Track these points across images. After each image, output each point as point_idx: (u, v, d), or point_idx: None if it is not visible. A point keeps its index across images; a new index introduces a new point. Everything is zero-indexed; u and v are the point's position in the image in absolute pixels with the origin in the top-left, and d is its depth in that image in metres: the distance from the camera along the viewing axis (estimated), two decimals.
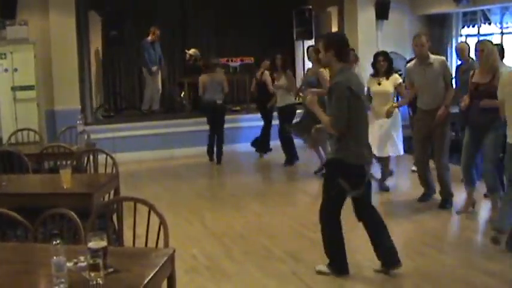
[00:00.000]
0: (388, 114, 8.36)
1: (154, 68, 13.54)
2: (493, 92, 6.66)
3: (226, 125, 11.84)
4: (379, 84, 8.57)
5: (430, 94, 7.66)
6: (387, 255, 5.53)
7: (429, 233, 6.97)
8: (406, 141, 8.92)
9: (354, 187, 5.31)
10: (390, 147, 8.63)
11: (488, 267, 5.78)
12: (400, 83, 8.47)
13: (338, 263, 5.53)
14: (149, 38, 13.47)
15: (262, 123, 11.91)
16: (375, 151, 8.78)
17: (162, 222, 3.93)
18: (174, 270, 3.63)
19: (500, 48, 7.74)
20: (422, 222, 7.41)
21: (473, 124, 7.12)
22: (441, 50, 12.97)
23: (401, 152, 8.80)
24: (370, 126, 8.60)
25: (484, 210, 7.72)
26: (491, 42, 7.34)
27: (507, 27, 13.25)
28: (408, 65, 8.15)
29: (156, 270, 3.30)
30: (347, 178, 5.29)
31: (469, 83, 7.17)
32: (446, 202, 7.82)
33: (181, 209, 8.29)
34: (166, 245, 3.87)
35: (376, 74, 8.69)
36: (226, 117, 11.83)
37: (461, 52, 9.63)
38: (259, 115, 12.04)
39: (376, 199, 8.54)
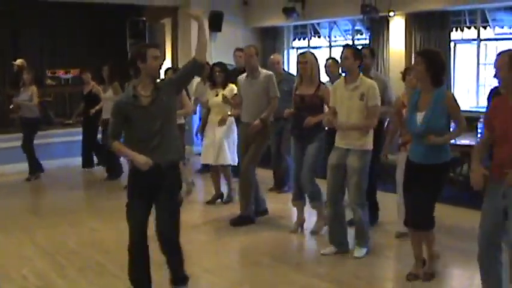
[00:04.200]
0: (221, 123, 8.41)
1: None
2: (318, 103, 6.87)
3: (58, 139, 11.44)
4: (217, 95, 8.58)
5: (253, 107, 7.70)
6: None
7: (264, 243, 7.09)
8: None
9: None
10: (216, 156, 8.58)
11: (318, 270, 6.11)
12: (236, 94, 8.45)
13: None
14: None
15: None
16: (202, 159, 8.85)
17: None
18: None
19: (370, 51, 7.73)
20: (258, 232, 7.52)
21: (299, 135, 7.13)
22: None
23: (232, 162, 8.68)
24: (205, 136, 8.70)
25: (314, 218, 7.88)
26: (313, 54, 7.31)
27: (335, 40, 13.81)
28: (239, 77, 8.13)
29: None
30: None
31: (293, 95, 7.18)
32: (243, 218, 7.78)
33: (11, 227, 7.87)
34: None
35: (213, 85, 8.70)
36: (61, 130, 11.42)
37: (274, 65, 9.63)
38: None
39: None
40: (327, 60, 8.36)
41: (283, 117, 7.84)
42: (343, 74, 6.63)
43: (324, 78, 7.79)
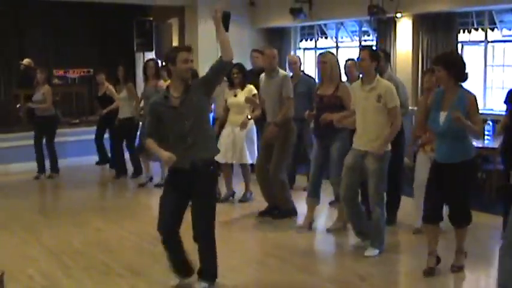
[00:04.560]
0: (242, 127, 8.41)
1: None
2: (337, 103, 6.93)
3: (65, 138, 11.53)
4: (235, 95, 8.62)
5: (272, 107, 7.83)
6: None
7: (270, 244, 7.10)
8: None
9: None
10: (234, 155, 8.64)
11: (322, 271, 6.27)
12: (254, 94, 8.49)
13: None
14: None
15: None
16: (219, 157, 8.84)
17: None
18: None
19: (385, 54, 7.74)
20: (264, 232, 7.54)
21: (320, 135, 7.24)
22: (280, 62, 13.23)
23: (251, 161, 8.72)
24: (222, 135, 8.72)
25: (322, 218, 7.91)
26: (333, 54, 7.49)
27: (342, 41, 13.78)
28: (261, 76, 8.20)
29: None
30: None
31: (314, 95, 7.33)
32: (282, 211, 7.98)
33: (16, 227, 7.86)
34: None
35: (231, 86, 8.74)
36: (66, 130, 11.43)
37: (292, 65, 9.70)
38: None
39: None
40: (346, 61, 8.41)
41: (302, 119, 7.94)
42: (361, 75, 6.66)
43: (344, 78, 7.86)
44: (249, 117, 8.51)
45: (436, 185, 5.72)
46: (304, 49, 14.67)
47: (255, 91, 8.49)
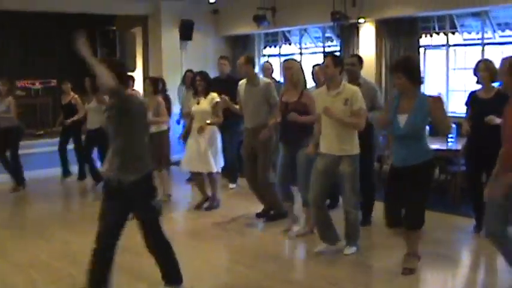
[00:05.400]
0: (199, 131, 8.44)
1: None
2: (302, 110, 6.95)
3: (30, 150, 11.47)
4: (198, 103, 8.64)
5: (254, 114, 7.90)
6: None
7: (237, 250, 7.11)
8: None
9: None
10: (200, 164, 8.64)
11: (290, 277, 6.20)
12: (217, 102, 8.50)
13: None
14: None
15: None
16: (185, 167, 8.84)
17: None
18: None
19: (358, 58, 7.86)
20: (232, 240, 7.54)
21: (287, 141, 7.27)
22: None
23: (214, 170, 8.73)
24: (187, 144, 8.73)
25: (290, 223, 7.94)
26: (297, 61, 7.58)
27: (306, 48, 13.86)
28: (240, 83, 8.21)
29: None
30: None
31: (280, 102, 7.36)
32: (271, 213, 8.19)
33: None
34: None
35: (195, 94, 8.75)
36: (31, 142, 11.29)
37: (266, 71, 9.83)
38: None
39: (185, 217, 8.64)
40: (313, 66, 8.43)
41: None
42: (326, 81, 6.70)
43: (313, 84, 7.96)
44: (208, 122, 8.52)
45: (396, 190, 5.77)
46: (269, 56, 14.73)
47: (217, 99, 8.51)
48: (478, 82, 7.05)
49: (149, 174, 5.11)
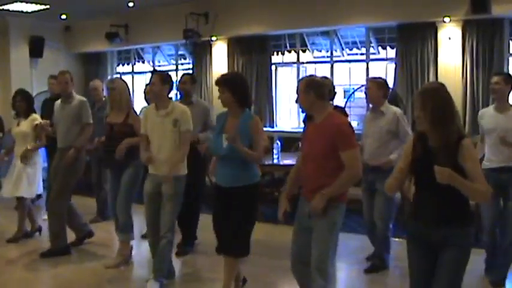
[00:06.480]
0: (23, 161, 7.77)
1: None
2: (128, 132, 6.57)
3: None
4: (18, 125, 7.96)
5: (65, 133, 7.29)
6: None
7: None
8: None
9: None
10: (17, 189, 7.87)
11: None
12: (37, 124, 7.84)
13: None
14: None
15: None
16: (3, 192, 8.10)
17: None
18: None
19: (191, 78, 7.59)
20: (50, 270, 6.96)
21: (112, 165, 6.85)
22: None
23: (33, 195, 8.18)
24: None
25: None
26: (124, 81, 7.09)
27: (159, 65, 13.87)
28: (56, 102, 7.56)
29: None
30: None
31: (105, 123, 6.93)
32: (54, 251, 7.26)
33: None
34: None
35: (16, 115, 8.08)
36: None
37: (95, 90, 9.34)
38: None
39: None
40: (146, 85, 8.10)
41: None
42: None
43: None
44: (29, 147, 7.83)
45: (222, 212, 5.42)
46: (121, 74, 14.58)
47: (38, 120, 7.86)
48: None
49: None
